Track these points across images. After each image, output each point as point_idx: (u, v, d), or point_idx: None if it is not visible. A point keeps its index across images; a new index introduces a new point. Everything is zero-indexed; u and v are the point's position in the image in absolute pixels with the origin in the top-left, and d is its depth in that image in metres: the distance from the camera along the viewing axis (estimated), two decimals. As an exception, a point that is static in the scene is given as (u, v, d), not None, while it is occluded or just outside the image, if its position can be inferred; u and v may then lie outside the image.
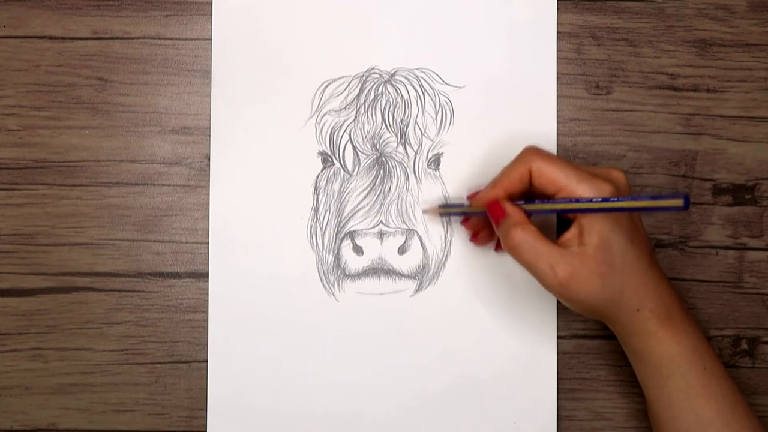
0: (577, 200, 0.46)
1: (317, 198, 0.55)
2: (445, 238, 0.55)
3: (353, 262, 0.55)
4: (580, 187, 0.46)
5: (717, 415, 0.47)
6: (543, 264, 0.47)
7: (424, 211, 0.55)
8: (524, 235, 0.47)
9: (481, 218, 0.52)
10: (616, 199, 0.45)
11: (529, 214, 0.49)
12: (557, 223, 0.55)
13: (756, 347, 0.56)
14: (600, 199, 0.45)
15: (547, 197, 0.48)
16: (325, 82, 0.56)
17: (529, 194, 0.50)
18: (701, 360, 0.48)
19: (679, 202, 0.42)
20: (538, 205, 0.48)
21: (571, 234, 0.47)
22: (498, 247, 0.55)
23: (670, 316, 0.47)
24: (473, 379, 0.55)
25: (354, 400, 0.55)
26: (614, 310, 0.47)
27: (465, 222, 0.54)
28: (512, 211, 0.48)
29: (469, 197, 0.52)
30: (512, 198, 0.49)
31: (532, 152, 0.49)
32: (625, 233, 0.47)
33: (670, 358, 0.48)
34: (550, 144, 0.56)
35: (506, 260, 0.55)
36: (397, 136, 0.56)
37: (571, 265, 0.46)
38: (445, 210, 0.55)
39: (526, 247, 0.47)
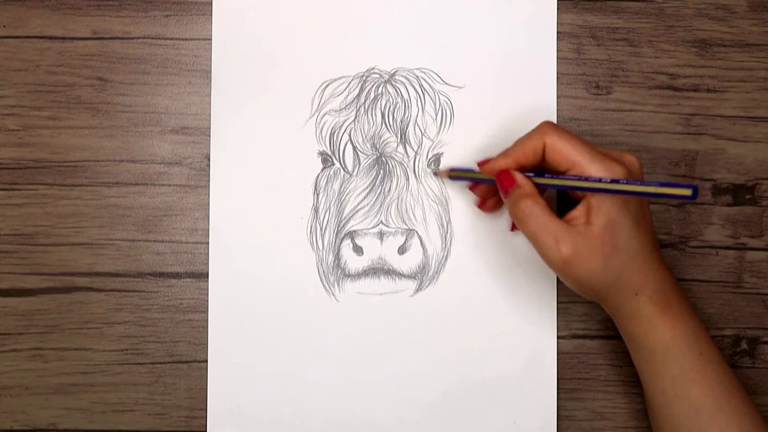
0: (588, 179, 0.46)
1: (317, 198, 0.55)
2: (445, 238, 0.55)
3: (353, 262, 0.55)
4: (593, 166, 0.46)
5: (711, 400, 0.47)
6: (548, 237, 0.46)
7: (435, 173, 0.55)
8: (533, 207, 0.47)
9: (490, 185, 0.52)
10: (625, 181, 0.45)
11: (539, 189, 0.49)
12: (559, 203, 0.55)
13: (756, 347, 0.56)
14: (609, 180, 0.45)
15: (558, 173, 0.48)
16: (325, 82, 0.56)
17: (540, 169, 0.50)
18: (697, 346, 0.48)
19: (687, 191, 0.42)
20: (548, 179, 0.48)
21: (578, 212, 0.47)
22: (514, 228, 0.54)
23: (668, 302, 0.48)
24: (473, 378, 0.55)
25: (354, 399, 0.55)
26: (613, 293, 0.47)
27: (473, 187, 0.54)
28: (523, 182, 0.48)
29: (480, 164, 0.52)
30: (522, 170, 0.49)
31: (549, 126, 0.49)
32: (632, 217, 0.47)
33: (665, 344, 0.48)
34: (550, 144, 0.56)
35: (506, 260, 0.55)
36: (397, 136, 0.56)
37: (576, 242, 0.46)
38: (455, 174, 0.54)
39: (534, 219, 0.47)
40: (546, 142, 0.48)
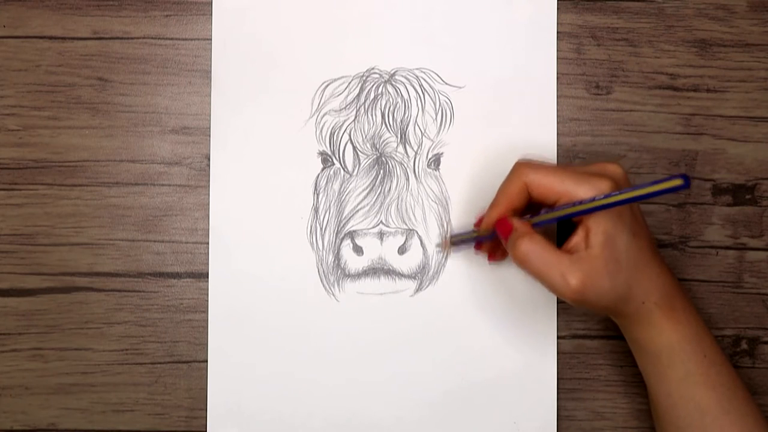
0: (582, 202, 0.46)
1: (317, 198, 0.55)
2: (445, 238, 0.55)
3: (353, 262, 0.55)
4: (580, 190, 0.46)
5: (716, 402, 0.47)
6: (554, 273, 0.46)
7: (437, 246, 0.55)
8: (531, 245, 0.47)
9: (493, 241, 0.52)
10: (618, 192, 0.45)
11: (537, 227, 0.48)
12: (559, 232, 0.55)
13: (756, 347, 0.56)
14: (602, 197, 0.45)
15: (548, 206, 0.48)
16: (325, 82, 0.56)
17: (532, 207, 0.50)
18: (701, 348, 0.48)
19: (679, 181, 0.42)
20: (544, 216, 0.48)
21: (578, 237, 0.47)
22: (492, 258, 0.54)
23: (673, 306, 0.48)
24: (473, 379, 0.55)
25: (354, 399, 0.55)
26: (622, 305, 0.47)
27: (478, 247, 0.54)
28: (518, 224, 0.48)
29: (476, 224, 0.52)
30: (516, 213, 0.49)
31: (524, 166, 0.49)
32: (627, 227, 0.47)
33: (670, 347, 0.48)
34: (550, 144, 0.56)
35: (506, 260, 0.55)
36: (397, 136, 0.56)
37: (582, 270, 0.46)
38: (456, 239, 0.54)
39: (535, 257, 0.47)
40: (526, 181, 0.48)
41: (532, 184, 0.48)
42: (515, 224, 0.48)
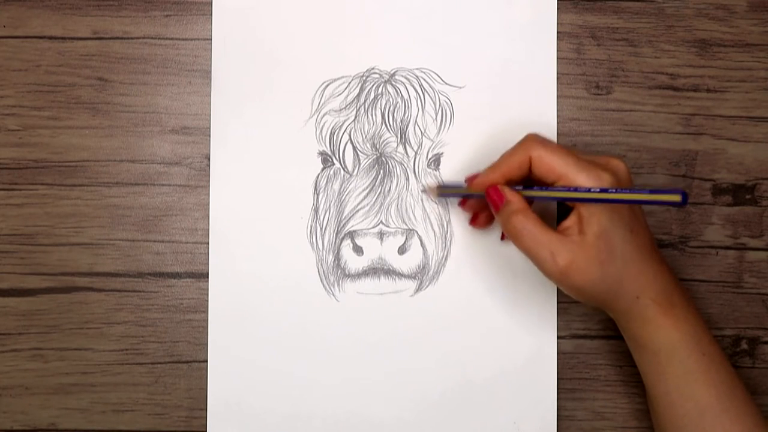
0: (576, 189, 0.46)
1: (317, 198, 0.55)
2: (445, 238, 0.55)
3: (353, 262, 0.55)
4: (580, 176, 0.46)
5: (715, 400, 0.47)
6: (544, 251, 0.47)
7: (423, 190, 0.55)
8: (525, 222, 0.47)
9: (480, 200, 0.52)
10: (614, 190, 0.45)
11: (528, 200, 0.48)
12: (558, 210, 0.55)
13: (756, 347, 0.56)
14: (598, 190, 0.45)
15: (546, 184, 0.48)
16: (325, 82, 0.56)
17: (528, 181, 0.50)
18: (700, 346, 0.48)
19: (676, 197, 0.42)
20: (536, 192, 0.48)
21: (570, 221, 0.47)
22: (504, 237, 0.54)
23: (671, 303, 0.48)
24: (473, 379, 0.55)
25: (354, 399, 0.55)
26: (613, 298, 0.47)
27: (463, 203, 0.54)
28: (512, 197, 0.48)
29: (468, 180, 0.52)
30: (510, 183, 0.49)
31: (534, 139, 0.49)
32: (624, 223, 0.47)
33: (669, 345, 0.48)
34: (550, 144, 0.56)
35: (506, 260, 0.55)
36: (397, 136, 0.56)
37: (572, 252, 0.46)
38: (444, 191, 0.54)
39: (527, 234, 0.47)
40: (532, 155, 0.48)
41: (537, 160, 0.48)
42: (509, 196, 0.48)
